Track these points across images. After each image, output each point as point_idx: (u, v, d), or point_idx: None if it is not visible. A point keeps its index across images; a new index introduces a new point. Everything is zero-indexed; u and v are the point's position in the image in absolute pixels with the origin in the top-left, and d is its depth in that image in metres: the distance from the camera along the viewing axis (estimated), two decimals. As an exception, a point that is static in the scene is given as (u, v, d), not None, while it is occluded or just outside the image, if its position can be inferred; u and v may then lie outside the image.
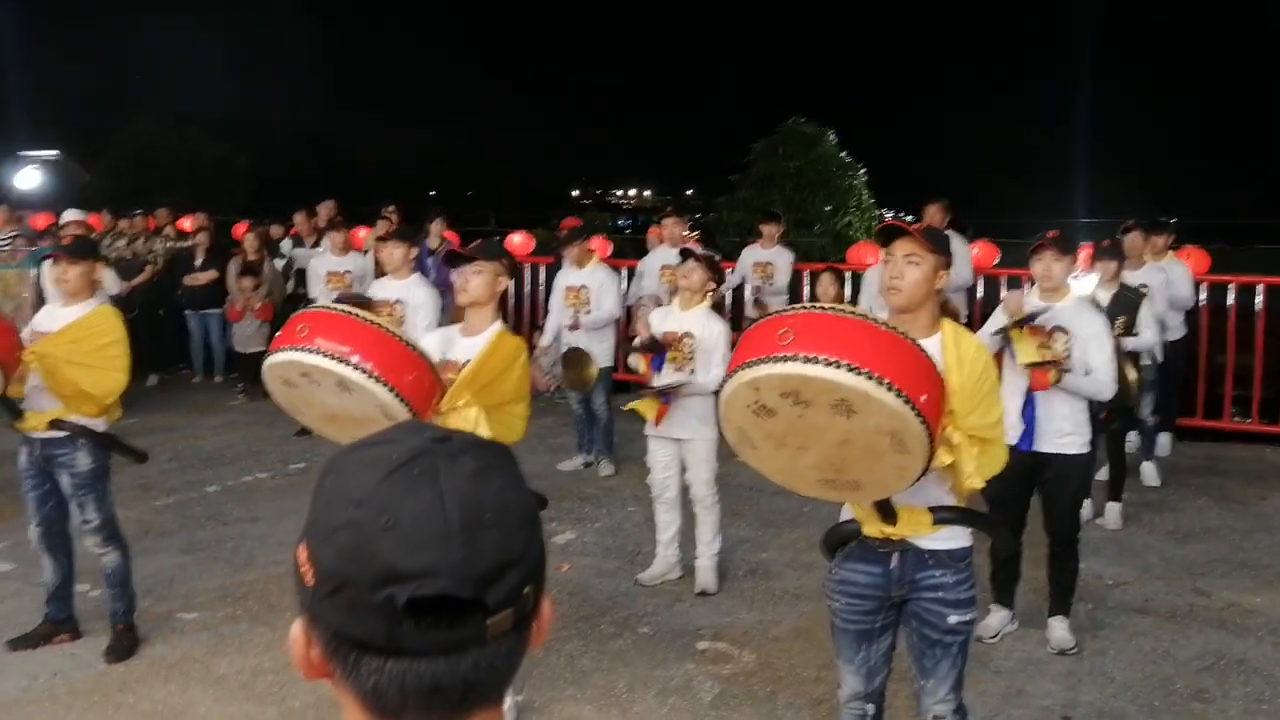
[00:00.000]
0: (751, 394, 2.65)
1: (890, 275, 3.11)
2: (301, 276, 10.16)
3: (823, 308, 2.72)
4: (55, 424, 4.62)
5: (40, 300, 8.53)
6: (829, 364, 2.51)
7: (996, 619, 4.97)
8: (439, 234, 10.47)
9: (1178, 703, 4.35)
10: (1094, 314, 4.79)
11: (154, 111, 30.41)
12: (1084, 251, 6.59)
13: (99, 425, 4.72)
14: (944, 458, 2.77)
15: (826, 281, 8.45)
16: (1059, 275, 4.75)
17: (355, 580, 0.87)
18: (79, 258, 4.74)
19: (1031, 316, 4.63)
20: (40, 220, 12.55)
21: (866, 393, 2.50)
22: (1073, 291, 4.87)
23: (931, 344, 2.88)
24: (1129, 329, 6.06)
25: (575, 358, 7.32)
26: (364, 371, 3.20)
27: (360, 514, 0.88)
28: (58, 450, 4.68)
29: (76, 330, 4.61)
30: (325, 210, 11.29)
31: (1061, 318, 4.68)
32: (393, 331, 3.36)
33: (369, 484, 0.89)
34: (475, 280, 3.99)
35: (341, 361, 3.20)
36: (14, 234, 10.73)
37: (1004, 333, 4.66)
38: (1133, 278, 6.77)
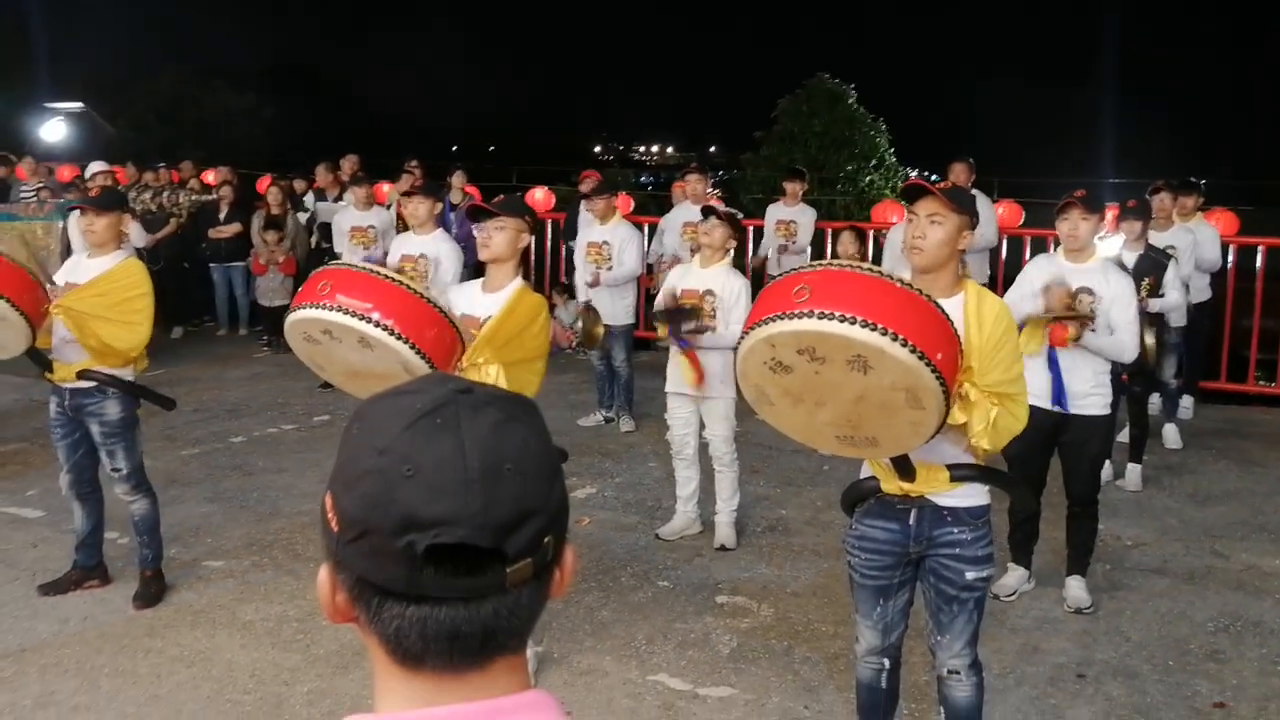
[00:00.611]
0: (768, 350, 2.66)
1: (913, 234, 3.09)
2: (325, 230, 10.19)
3: (840, 264, 2.72)
4: (84, 374, 4.69)
5: (67, 252, 8.60)
6: (844, 320, 2.51)
7: (1013, 578, 4.99)
8: (460, 188, 10.46)
9: (1192, 663, 4.37)
10: (1119, 275, 4.74)
11: (179, 63, 30.42)
12: (1111, 212, 6.52)
13: (127, 375, 4.78)
14: (958, 415, 2.78)
15: (847, 240, 8.40)
16: (1085, 235, 4.68)
17: (377, 527, 0.89)
18: (106, 209, 4.78)
19: (1070, 315, 4.54)
20: (65, 172, 12.62)
21: (882, 349, 2.51)
22: (1099, 252, 4.83)
23: (953, 304, 2.87)
24: (1154, 290, 6.01)
25: (587, 314, 7.35)
26: (385, 328, 3.22)
27: (383, 462, 0.90)
28: (87, 400, 4.74)
29: (104, 283, 4.65)
30: (348, 165, 11.29)
31: (1087, 278, 4.63)
32: (414, 288, 3.37)
33: (392, 432, 0.91)
34: (497, 236, 3.99)
35: (363, 319, 3.22)
36: (39, 186, 10.82)
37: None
38: (1160, 239, 6.70)
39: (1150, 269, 6.03)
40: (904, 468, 2.99)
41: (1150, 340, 5.38)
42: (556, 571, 0.97)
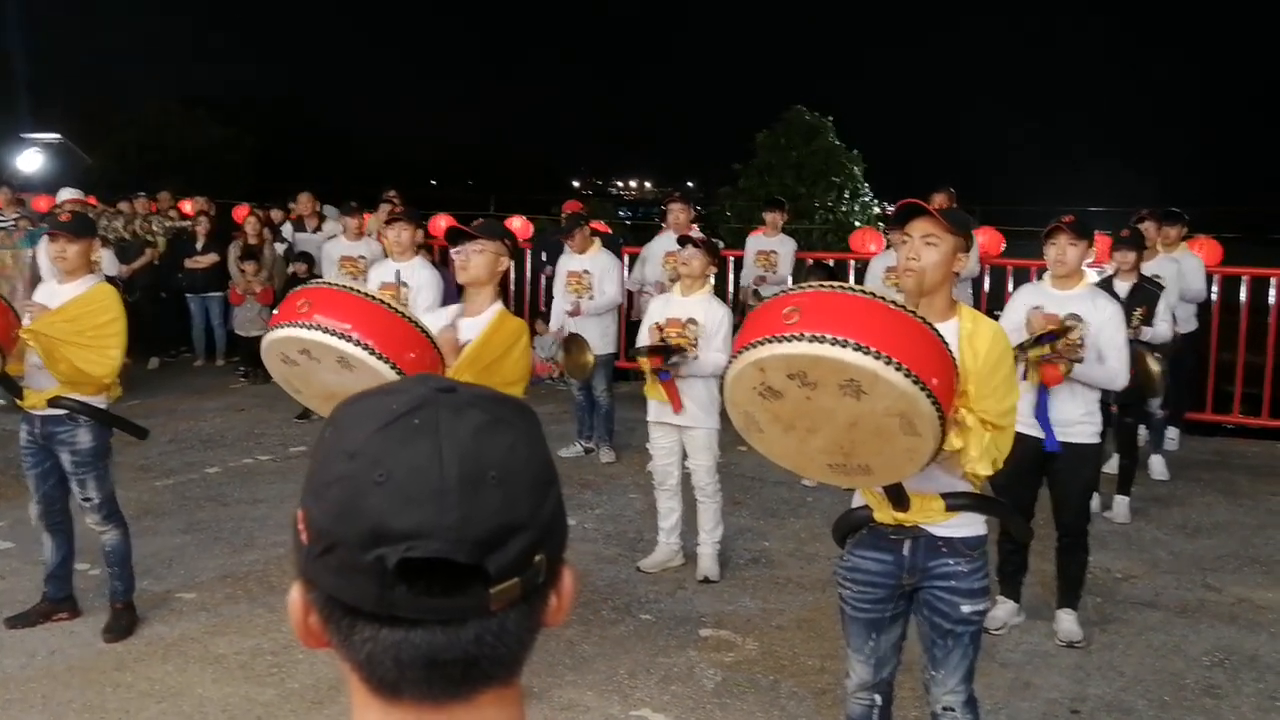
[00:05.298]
0: (757, 375, 2.56)
1: (907, 256, 3.01)
2: (304, 259, 10.09)
3: (831, 286, 2.63)
4: (55, 402, 4.57)
5: (34, 280, 8.47)
6: (836, 343, 2.42)
7: (1003, 611, 4.90)
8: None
9: (1188, 698, 4.28)
10: (1107, 301, 4.70)
11: (158, 94, 30.39)
12: (1103, 242, 6.50)
13: (99, 403, 4.67)
14: (954, 441, 2.69)
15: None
16: (1073, 261, 4.63)
17: (345, 539, 0.80)
18: (79, 235, 4.66)
19: (1051, 335, 4.50)
20: (42, 202, 12.51)
21: (875, 373, 2.42)
22: (1087, 278, 4.78)
23: (948, 329, 2.78)
24: (1147, 320, 5.96)
25: (573, 344, 7.28)
26: (365, 348, 3.13)
27: (352, 467, 0.81)
28: (58, 428, 4.63)
29: (75, 308, 4.55)
30: (306, 199, 11.32)
31: (1075, 305, 4.59)
32: (394, 308, 3.28)
33: (364, 435, 0.82)
34: (476, 259, 3.92)
35: (342, 338, 3.13)
36: (17, 216, 10.70)
37: (1023, 348, 4.54)
38: (1146, 269, 6.66)
39: (1144, 299, 5.99)
40: (898, 497, 2.90)
41: (1156, 367, 5.33)
42: (552, 596, 0.87)
